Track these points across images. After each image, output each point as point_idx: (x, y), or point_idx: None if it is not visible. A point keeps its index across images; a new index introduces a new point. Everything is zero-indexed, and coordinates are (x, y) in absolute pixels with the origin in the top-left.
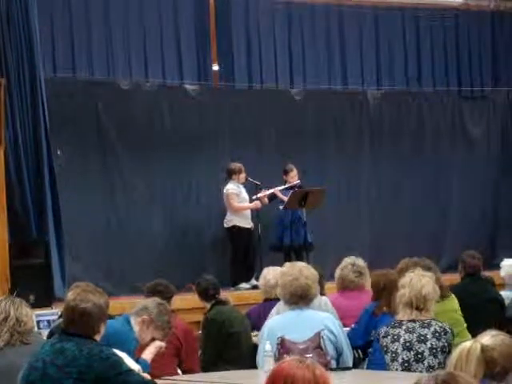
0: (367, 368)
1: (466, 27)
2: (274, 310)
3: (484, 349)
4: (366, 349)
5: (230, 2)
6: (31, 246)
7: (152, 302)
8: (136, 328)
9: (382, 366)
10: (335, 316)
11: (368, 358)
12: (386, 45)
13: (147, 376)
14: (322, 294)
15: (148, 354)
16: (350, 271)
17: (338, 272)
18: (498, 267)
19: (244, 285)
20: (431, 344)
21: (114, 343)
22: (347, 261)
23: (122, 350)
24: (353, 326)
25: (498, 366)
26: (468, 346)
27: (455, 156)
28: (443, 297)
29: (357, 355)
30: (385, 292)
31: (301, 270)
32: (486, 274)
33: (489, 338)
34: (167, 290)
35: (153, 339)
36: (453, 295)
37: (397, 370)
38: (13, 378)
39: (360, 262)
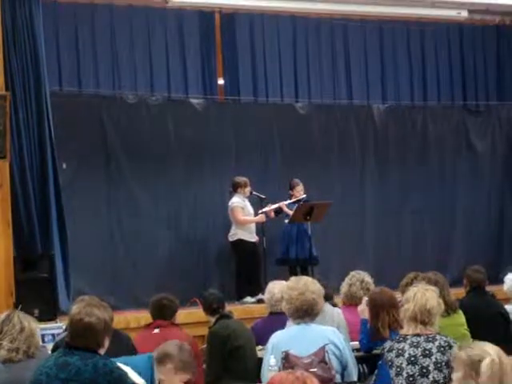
0: (375, 383)
1: (471, 41)
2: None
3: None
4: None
5: (234, 17)
6: (36, 260)
7: (171, 345)
8: (160, 376)
9: (388, 380)
10: (345, 329)
11: (376, 372)
12: (390, 59)
13: None
14: (334, 305)
15: None
16: (358, 288)
17: (345, 287)
18: (503, 282)
19: (249, 299)
20: (436, 358)
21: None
22: (356, 277)
23: None
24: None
25: None
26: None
27: (460, 170)
28: (451, 311)
29: (361, 370)
30: (378, 311)
31: (306, 285)
32: (492, 288)
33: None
34: (172, 303)
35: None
36: (460, 310)
37: None
38: None
39: (368, 278)
